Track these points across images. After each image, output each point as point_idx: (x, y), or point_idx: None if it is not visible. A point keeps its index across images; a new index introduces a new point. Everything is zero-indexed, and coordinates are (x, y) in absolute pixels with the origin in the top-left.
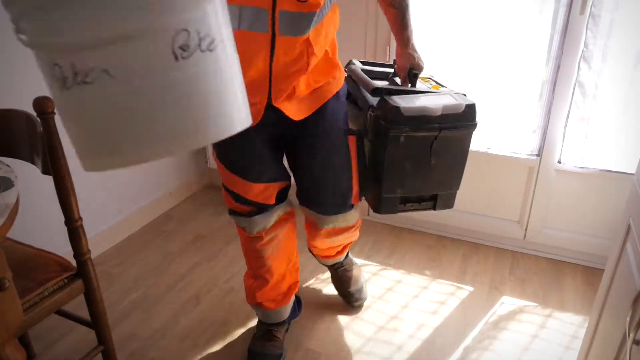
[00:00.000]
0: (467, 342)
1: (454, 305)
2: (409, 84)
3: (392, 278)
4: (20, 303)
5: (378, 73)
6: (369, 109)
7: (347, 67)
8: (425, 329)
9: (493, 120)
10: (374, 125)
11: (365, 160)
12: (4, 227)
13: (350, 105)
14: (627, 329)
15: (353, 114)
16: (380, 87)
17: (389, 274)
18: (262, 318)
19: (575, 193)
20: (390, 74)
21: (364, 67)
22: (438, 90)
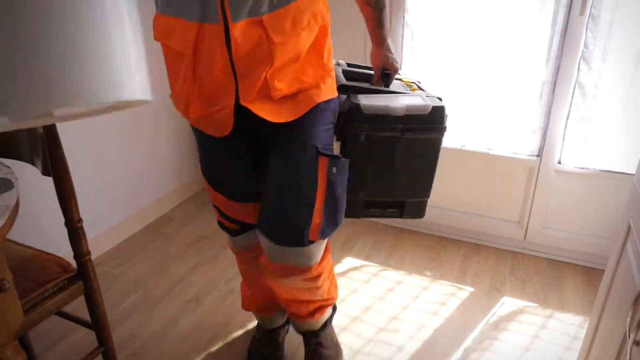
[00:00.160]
0: (467, 342)
1: (455, 306)
2: (383, 84)
3: (392, 279)
4: (21, 304)
5: (362, 75)
6: None
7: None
8: (426, 330)
9: (493, 121)
10: (336, 123)
11: (338, 192)
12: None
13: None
14: (627, 330)
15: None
16: (347, 84)
17: (389, 275)
18: (260, 322)
19: (576, 193)
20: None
21: (349, 68)
22: (411, 92)
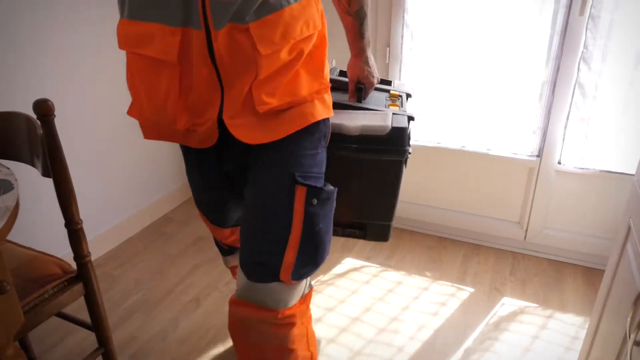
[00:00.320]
0: (467, 343)
1: (455, 307)
2: (356, 99)
3: (392, 279)
4: (21, 306)
5: (347, 85)
6: None
7: None
8: (426, 331)
9: (493, 121)
10: None
11: (320, 227)
12: (4, 229)
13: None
14: (627, 330)
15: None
16: None
17: (390, 276)
18: None
19: (576, 194)
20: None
21: (338, 77)
22: (381, 109)
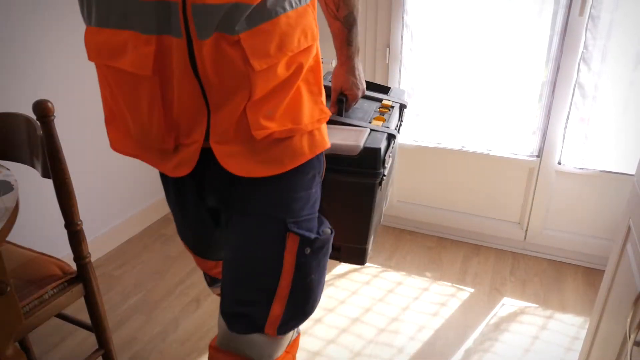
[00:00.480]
0: (468, 344)
1: (455, 307)
2: (337, 111)
3: (392, 280)
4: (21, 307)
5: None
6: None
7: None
8: (426, 331)
9: (493, 122)
10: None
11: (311, 279)
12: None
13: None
14: (627, 330)
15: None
16: None
17: (390, 276)
18: None
19: (576, 194)
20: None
21: (328, 84)
22: (360, 125)
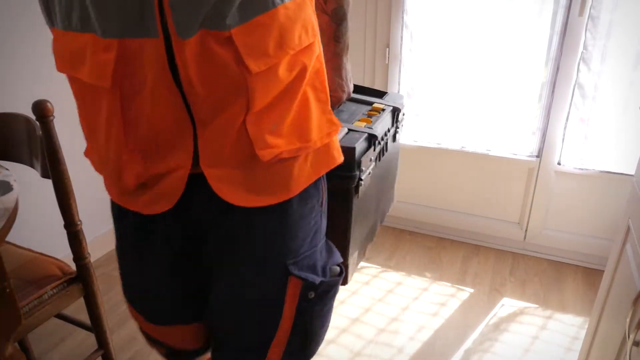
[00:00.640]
0: (467, 344)
1: (455, 307)
2: None
3: (392, 280)
4: (20, 307)
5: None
6: None
7: None
8: (426, 331)
9: (493, 122)
10: None
11: (313, 325)
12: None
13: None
14: (627, 330)
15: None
16: None
17: (390, 276)
18: None
19: (575, 194)
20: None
21: None
22: (346, 126)
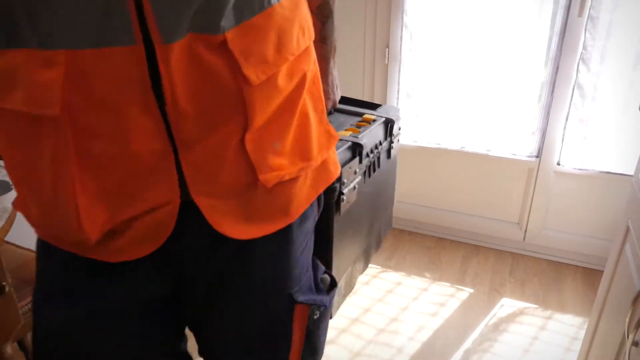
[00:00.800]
0: (467, 344)
1: (454, 307)
2: None
3: (392, 280)
4: (19, 307)
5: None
6: None
7: None
8: (426, 331)
9: (492, 122)
10: None
11: (320, 342)
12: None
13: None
14: (626, 330)
15: None
16: None
17: (389, 276)
18: None
19: (575, 194)
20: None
21: None
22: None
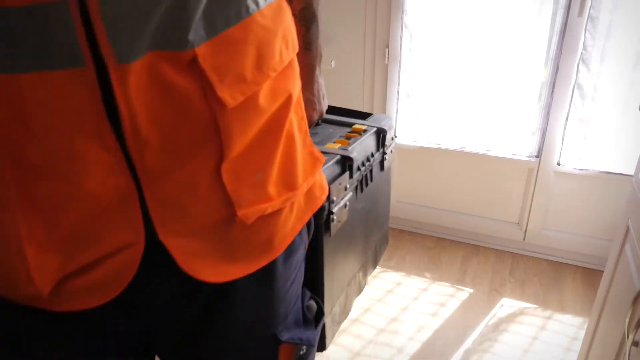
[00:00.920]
0: (467, 344)
1: (454, 307)
2: None
3: (392, 280)
4: None
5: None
6: None
7: None
8: (425, 331)
9: (492, 122)
10: None
11: None
12: None
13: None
14: (626, 330)
15: None
16: None
17: (389, 276)
18: None
19: (575, 194)
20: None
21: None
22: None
